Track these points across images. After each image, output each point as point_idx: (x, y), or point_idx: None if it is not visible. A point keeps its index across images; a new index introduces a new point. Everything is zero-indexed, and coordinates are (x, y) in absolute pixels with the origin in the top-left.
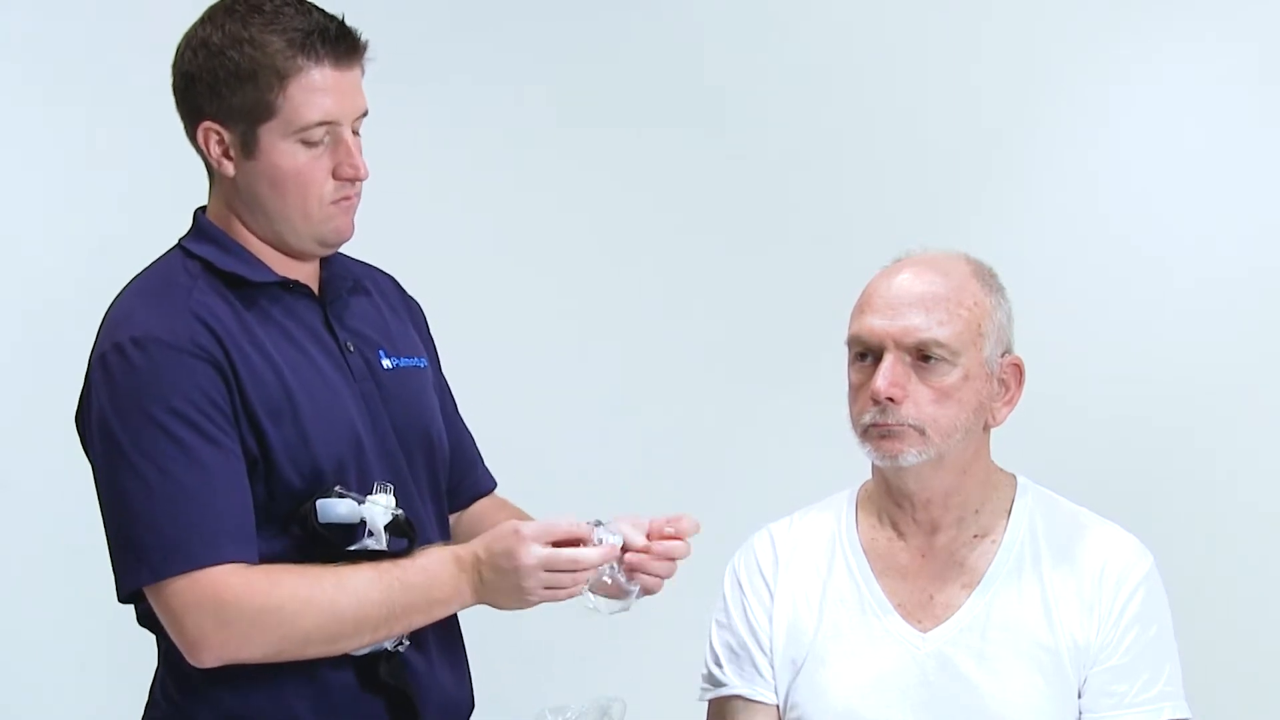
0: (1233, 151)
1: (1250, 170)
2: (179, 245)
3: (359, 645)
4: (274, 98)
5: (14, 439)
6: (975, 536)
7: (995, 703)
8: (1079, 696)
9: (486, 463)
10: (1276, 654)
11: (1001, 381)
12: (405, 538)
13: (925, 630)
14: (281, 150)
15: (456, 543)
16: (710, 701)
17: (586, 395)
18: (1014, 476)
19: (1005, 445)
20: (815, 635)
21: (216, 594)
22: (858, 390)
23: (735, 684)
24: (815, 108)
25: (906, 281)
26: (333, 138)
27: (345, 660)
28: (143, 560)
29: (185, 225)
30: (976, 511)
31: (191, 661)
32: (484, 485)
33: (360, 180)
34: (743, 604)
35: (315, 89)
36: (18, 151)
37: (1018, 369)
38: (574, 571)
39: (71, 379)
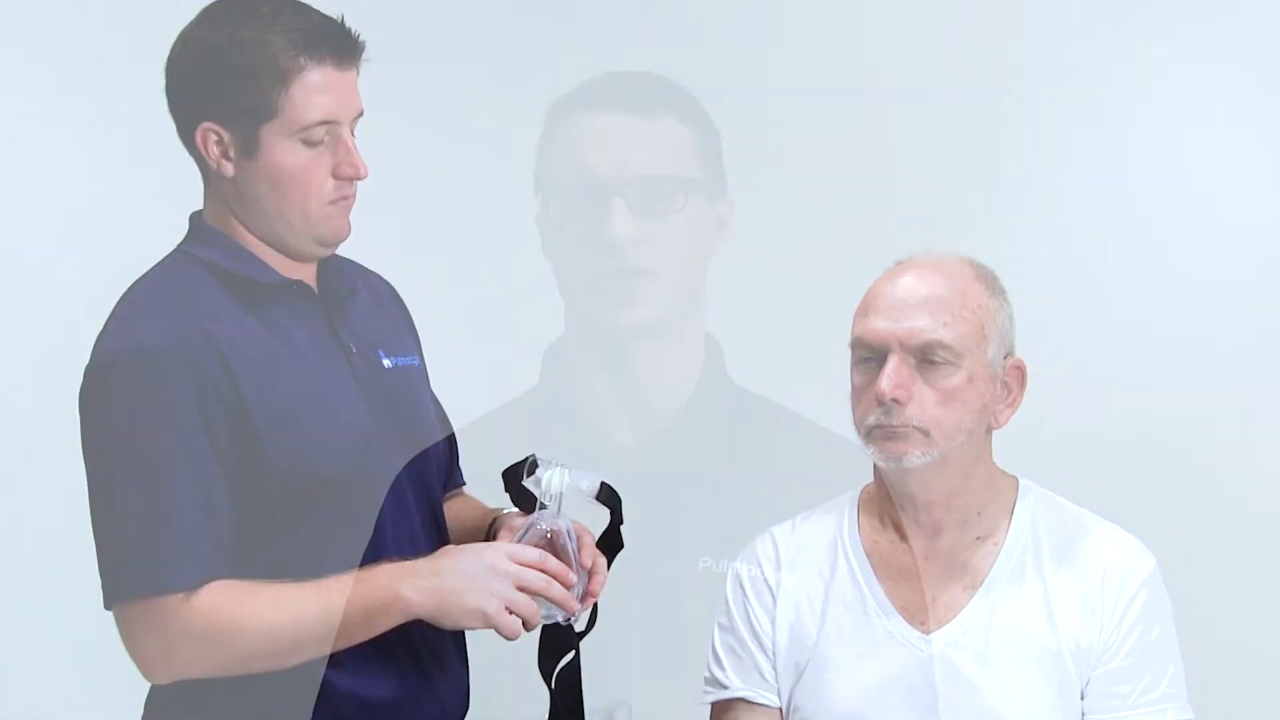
0: (1237, 157)
1: (1255, 175)
2: (180, 249)
3: (302, 660)
4: (276, 97)
5: (15, 440)
6: (977, 538)
7: (998, 704)
8: (1081, 698)
9: (487, 468)
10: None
11: (1004, 384)
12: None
13: (928, 632)
14: (283, 150)
15: None
16: (713, 704)
17: None
18: (1016, 479)
19: (1006, 448)
20: (818, 638)
21: (161, 622)
22: (861, 392)
23: (738, 686)
24: (819, 112)
25: (911, 284)
26: (332, 137)
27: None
28: (106, 580)
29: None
30: (979, 514)
31: (145, 679)
32: (456, 481)
33: (360, 179)
34: (745, 606)
35: (317, 88)
36: (18, 153)
37: (1020, 371)
38: (544, 572)
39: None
